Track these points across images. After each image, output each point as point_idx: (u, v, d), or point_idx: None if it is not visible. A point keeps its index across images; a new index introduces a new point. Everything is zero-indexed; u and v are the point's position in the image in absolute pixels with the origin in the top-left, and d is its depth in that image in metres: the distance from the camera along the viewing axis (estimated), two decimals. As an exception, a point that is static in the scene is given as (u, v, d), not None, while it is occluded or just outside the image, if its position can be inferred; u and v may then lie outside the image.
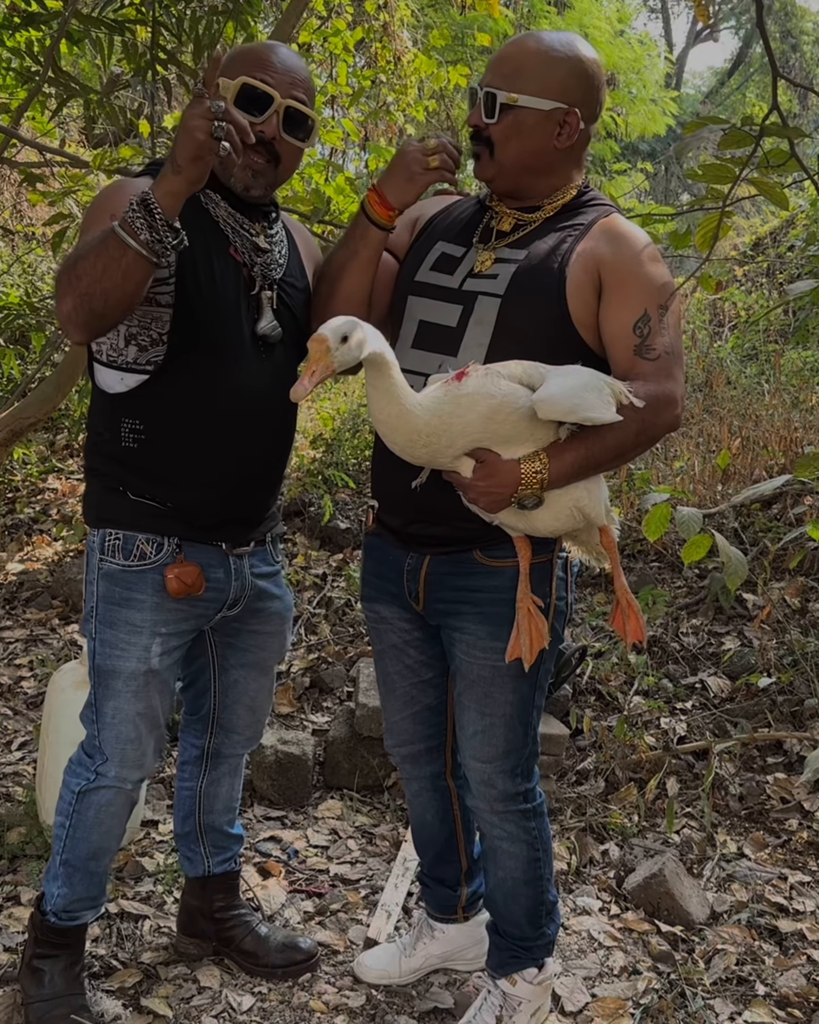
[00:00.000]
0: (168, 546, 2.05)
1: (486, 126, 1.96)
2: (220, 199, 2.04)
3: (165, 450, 2.03)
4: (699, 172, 1.75)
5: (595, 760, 3.36)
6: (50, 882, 2.19)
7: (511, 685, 2.05)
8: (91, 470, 2.13)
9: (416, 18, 7.58)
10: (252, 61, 1.99)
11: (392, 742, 2.35)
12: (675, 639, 3.97)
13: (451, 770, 2.34)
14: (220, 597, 2.13)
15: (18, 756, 3.44)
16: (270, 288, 2.08)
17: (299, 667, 4.01)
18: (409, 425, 1.77)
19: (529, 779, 2.15)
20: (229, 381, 2.02)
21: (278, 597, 2.29)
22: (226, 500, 2.09)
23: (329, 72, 6.44)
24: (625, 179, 11.08)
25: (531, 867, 2.19)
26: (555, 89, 1.94)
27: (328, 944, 2.56)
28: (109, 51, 4.14)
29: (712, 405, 6.15)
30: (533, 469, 1.81)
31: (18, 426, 5.08)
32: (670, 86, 15.93)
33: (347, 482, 5.43)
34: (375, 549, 2.20)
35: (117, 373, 2.01)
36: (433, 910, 2.47)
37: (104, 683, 2.08)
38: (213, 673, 2.33)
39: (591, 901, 2.78)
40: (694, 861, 2.96)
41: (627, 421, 1.82)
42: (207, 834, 2.44)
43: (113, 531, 2.05)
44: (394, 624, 2.20)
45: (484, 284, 1.97)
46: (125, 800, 2.17)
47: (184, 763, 2.44)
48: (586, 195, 2.05)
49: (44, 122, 5.19)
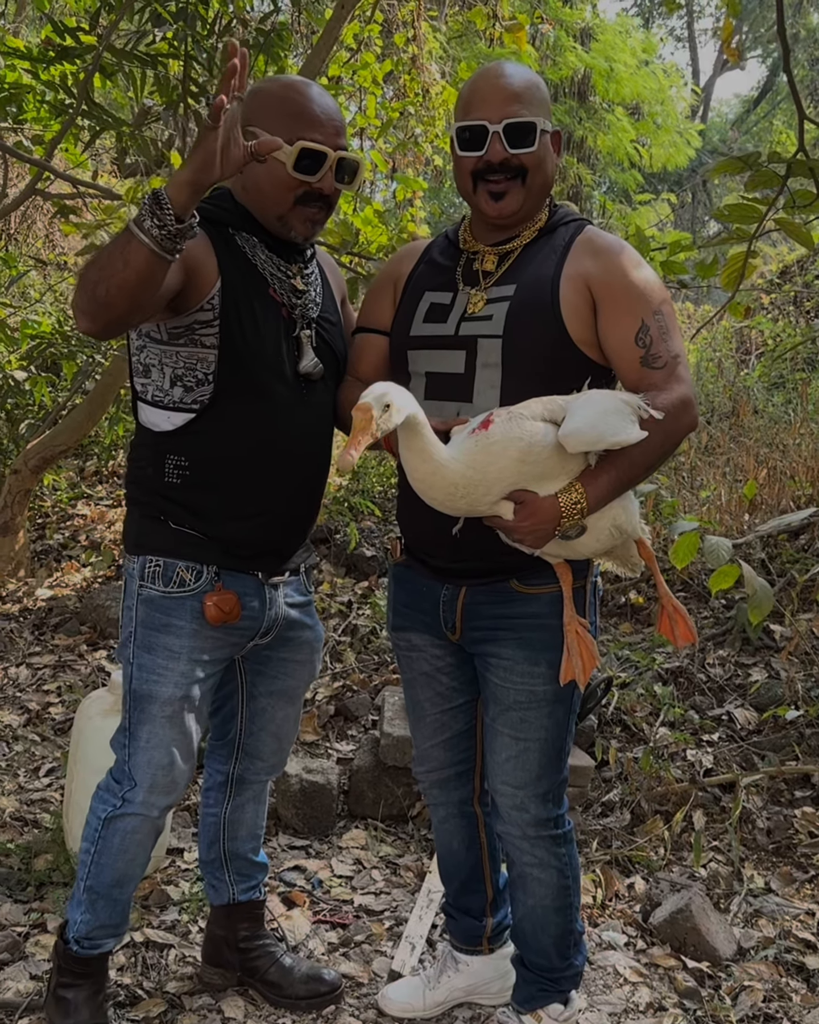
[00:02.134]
0: (207, 574, 2.07)
1: (514, 156, 1.98)
2: (257, 242, 2.07)
3: (209, 486, 2.07)
4: (725, 212, 1.76)
5: (621, 792, 3.35)
6: (73, 908, 2.21)
7: (547, 710, 2.07)
8: (132, 499, 2.17)
9: (444, 51, 7.65)
10: (299, 118, 2.00)
11: (422, 768, 2.36)
12: (702, 670, 3.95)
13: (478, 797, 2.35)
14: (254, 626, 2.16)
15: (46, 783, 3.46)
16: (309, 327, 2.12)
17: (324, 695, 4.02)
18: (445, 480, 1.80)
19: (559, 805, 2.16)
20: (273, 419, 2.06)
21: (310, 627, 2.31)
22: (266, 533, 2.13)
23: (358, 104, 6.51)
24: (649, 210, 11.11)
25: (561, 895, 2.19)
26: (549, 111, 2.06)
27: (352, 976, 2.56)
28: (142, 84, 4.21)
29: (739, 434, 6.14)
30: (571, 501, 1.83)
31: (49, 453, 5.14)
32: (697, 115, 16.00)
33: (373, 510, 5.45)
34: (405, 580, 2.21)
35: (164, 412, 2.06)
36: (458, 941, 2.46)
37: (140, 707, 2.10)
38: (241, 700, 2.34)
39: (616, 936, 2.76)
40: (721, 896, 2.94)
41: (651, 434, 1.84)
42: (231, 861, 2.44)
43: (153, 558, 2.08)
44: (426, 652, 2.21)
45: (480, 326, 2.00)
46: (151, 828, 2.18)
47: (209, 789, 2.46)
48: (557, 213, 2.11)
49: (77, 154, 5.28)
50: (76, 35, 4.08)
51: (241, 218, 2.08)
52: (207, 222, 2.01)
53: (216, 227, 2.04)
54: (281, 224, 2.06)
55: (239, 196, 2.09)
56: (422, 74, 6.44)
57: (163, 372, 2.04)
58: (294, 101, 2.02)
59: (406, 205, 6.22)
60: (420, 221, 5.83)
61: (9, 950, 2.54)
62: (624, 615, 4.48)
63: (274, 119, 1.99)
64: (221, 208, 2.08)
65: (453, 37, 8.81)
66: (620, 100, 11.95)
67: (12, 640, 4.62)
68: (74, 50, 4.08)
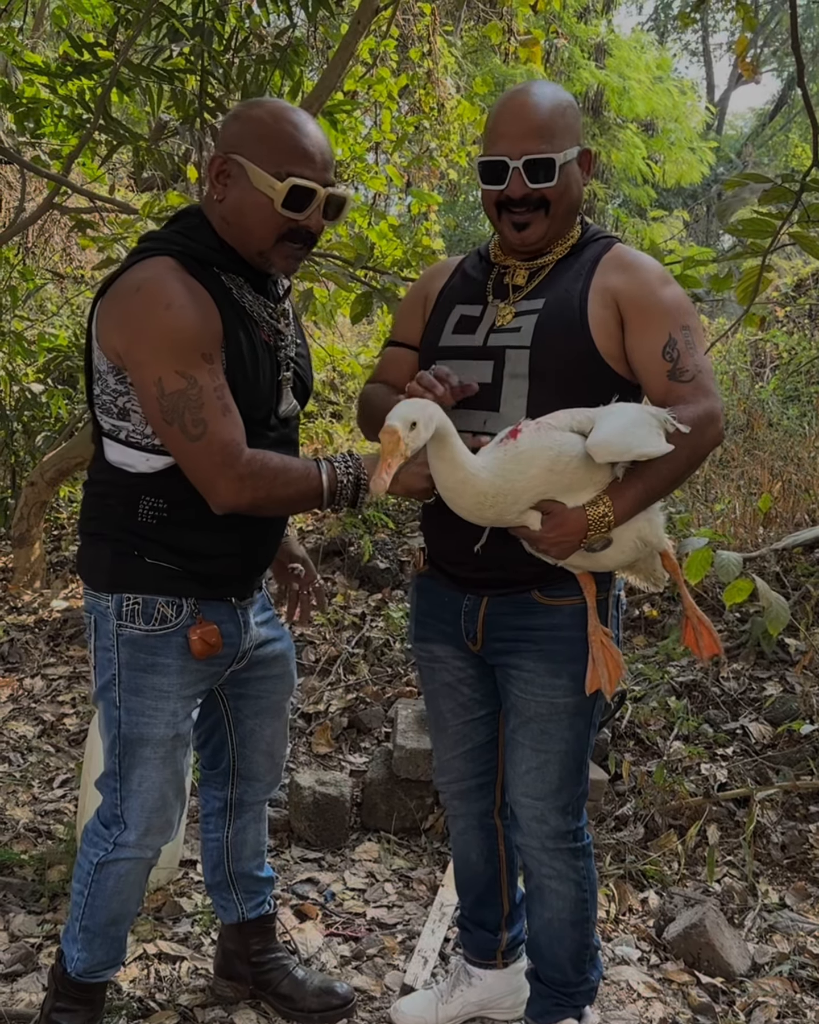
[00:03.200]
0: (187, 607, 2.03)
1: (535, 191, 1.98)
2: (243, 282, 2.00)
3: (186, 527, 2.01)
4: (739, 227, 1.76)
5: (634, 806, 3.33)
6: (69, 944, 2.18)
7: (568, 722, 2.07)
8: (98, 535, 2.06)
9: (459, 65, 7.69)
10: (291, 152, 1.90)
11: (443, 780, 2.36)
12: (716, 684, 3.94)
13: (499, 809, 2.34)
14: (232, 652, 2.12)
15: (59, 793, 3.46)
16: (288, 368, 2.07)
17: (337, 707, 4.02)
18: (475, 489, 1.80)
19: (579, 818, 2.17)
20: None
21: (278, 639, 2.29)
22: (242, 565, 2.10)
23: (374, 119, 6.55)
24: (663, 226, 11.13)
25: (578, 908, 2.19)
26: (576, 134, 2.03)
27: (364, 989, 2.55)
28: (158, 99, 4.24)
29: (753, 447, 6.13)
30: (599, 513, 1.84)
31: (65, 465, 5.17)
32: (711, 129, 16.03)
33: (386, 522, 5.46)
34: (427, 590, 2.22)
35: (141, 454, 1.98)
36: (471, 955, 2.45)
37: (131, 752, 2.04)
38: (229, 726, 2.31)
39: (630, 950, 2.75)
40: (735, 911, 2.93)
41: (678, 448, 1.84)
42: (237, 881, 2.43)
43: (131, 595, 2.01)
44: (448, 663, 2.22)
45: (508, 337, 2.01)
46: (145, 868, 2.15)
47: (208, 816, 2.43)
48: (588, 231, 2.12)
49: (94, 168, 5.32)
50: (94, 50, 4.11)
51: (227, 259, 1.98)
52: (197, 264, 1.92)
53: (205, 270, 1.94)
54: (261, 259, 1.98)
55: (219, 227, 1.98)
56: (437, 88, 6.48)
57: (144, 418, 1.94)
58: (286, 134, 1.91)
59: (421, 219, 6.25)
60: (435, 235, 5.86)
61: (22, 961, 2.55)
62: (638, 628, 4.47)
63: (263, 150, 1.90)
64: (207, 247, 1.96)
65: (468, 52, 8.86)
66: (634, 116, 12.00)
67: (27, 651, 4.63)
68: (92, 65, 4.11)
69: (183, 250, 1.93)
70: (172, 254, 1.91)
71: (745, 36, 3.22)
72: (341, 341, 8.38)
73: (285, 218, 1.92)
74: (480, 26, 8.00)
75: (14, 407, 5.90)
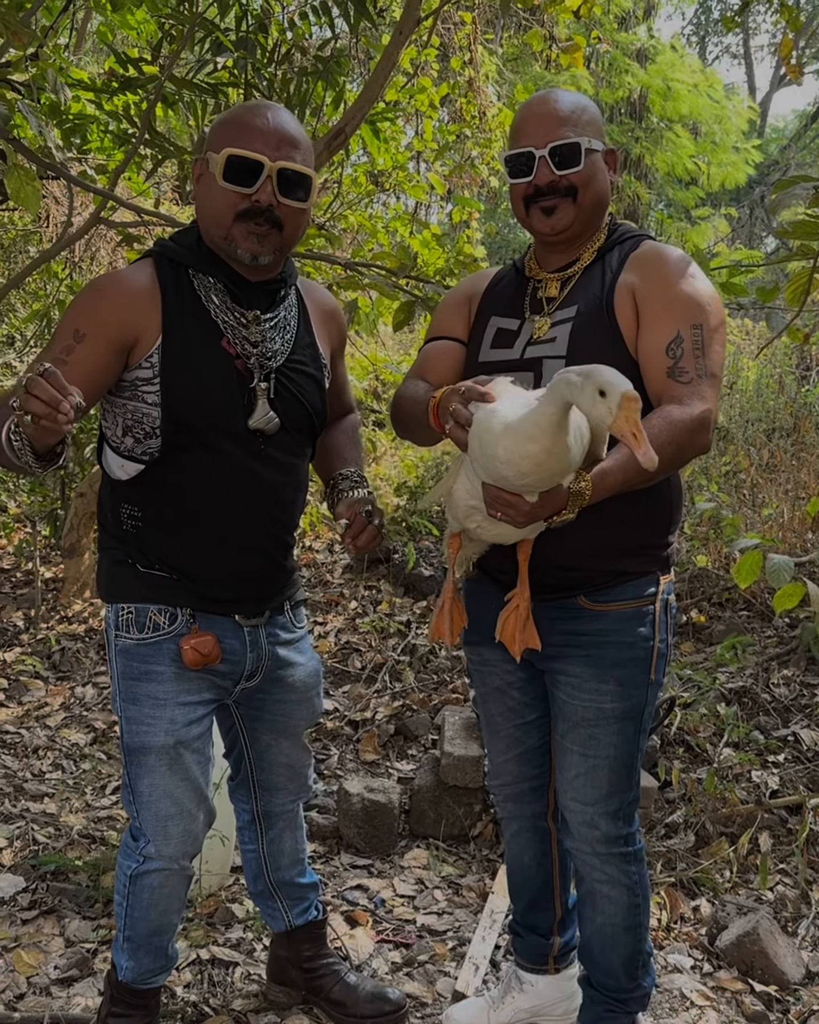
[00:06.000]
0: (182, 617, 2.03)
1: (563, 177, 2.01)
2: (214, 284, 2.00)
3: (161, 537, 2.02)
4: (789, 230, 1.75)
5: (685, 813, 3.31)
6: (118, 953, 2.20)
7: (615, 727, 2.07)
8: (100, 544, 2.12)
9: (500, 73, 7.71)
10: (234, 129, 1.92)
11: (496, 782, 2.37)
12: (766, 690, 3.90)
13: (553, 812, 2.34)
14: (237, 669, 2.11)
15: (112, 800, 3.50)
16: (267, 379, 2.02)
17: (384, 714, 4.03)
18: (563, 459, 1.68)
19: (630, 823, 2.16)
20: (222, 474, 2.00)
21: (301, 664, 2.24)
22: (230, 579, 2.07)
23: (415, 128, 6.57)
24: (708, 226, 11.07)
25: (631, 913, 2.18)
26: (599, 130, 2.07)
27: (416, 996, 2.56)
28: (203, 113, 4.29)
29: (800, 450, 6.07)
30: (579, 493, 1.75)
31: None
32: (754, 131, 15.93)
33: (430, 529, 5.47)
34: (476, 594, 2.22)
35: (119, 459, 2.02)
36: (524, 960, 2.44)
37: (136, 760, 2.05)
38: (244, 742, 2.30)
39: (683, 959, 2.73)
40: (788, 919, 2.90)
41: (665, 444, 1.76)
42: (280, 889, 2.43)
43: (126, 605, 2.04)
44: (497, 667, 2.22)
45: (545, 349, 2.02)
46: (178, 879, 2.14)
47: (241, 828, 2.43)
48: (616, 232, 2.12)
49: (140, 182, 5.38)
50: (139, 66, 4.16)
51: (202, 259, 2.00)
52: (170, 263, 1.98)
53: (175, 268, 1.98)
54: (228, 245, 1.95)
55: (202, 229, 2.02)
56: (478, 97, 6.49)
57: (115, 420, 2.00)
58: (236, 115, 1.95)
59: (462, 227, 6.26)
60: (476, 242, 5.86)
61: (78, 966, 2.57)
62: (686, 634, 4.44)
63: (215, 135, 1.95)
64: (183, 247, 2.02)
65: (510, 59, 8.87)
66: (678, 118, 11.96)
67: (78, 660, 4.69)
68: (137, 80, 4.17)
69: (162, 252, 2.01)
70: (153, 255, 2.01)
71: (789, 37, 3.20)
72: (383, 350, 8.40)
73: (233, 193, 1.91)
74: (520, 34, 8.02)
75: (63, 419, 5.96)
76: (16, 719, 4.14)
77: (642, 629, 2.05)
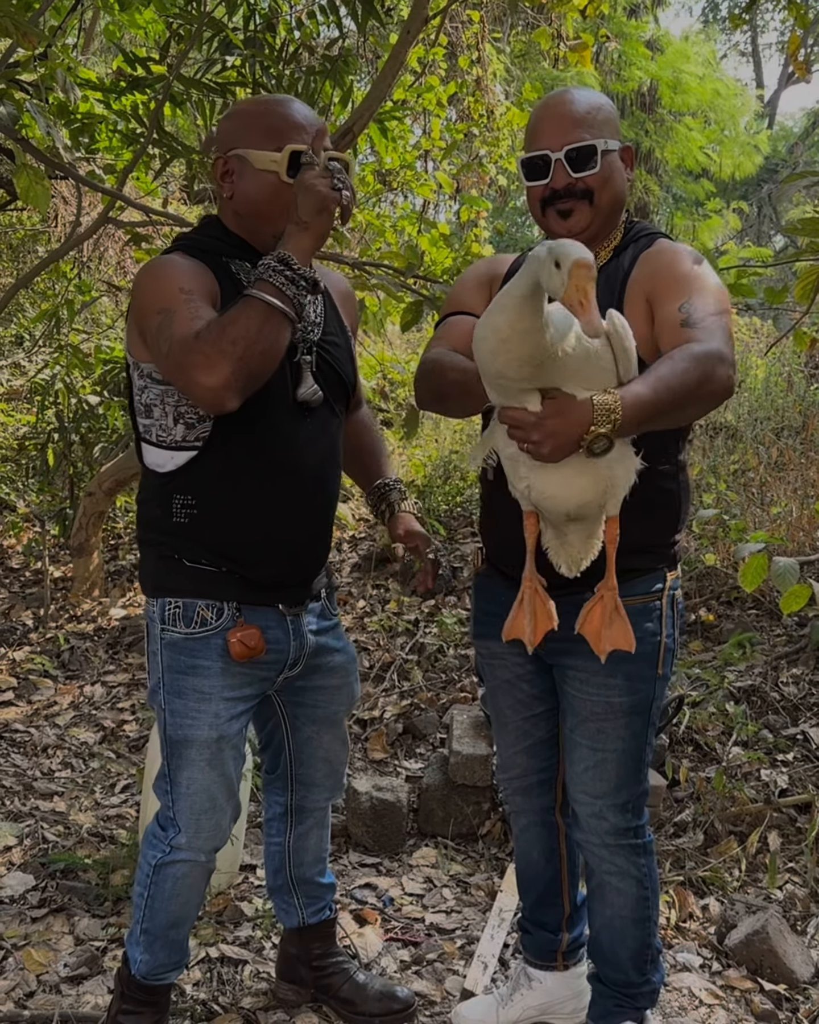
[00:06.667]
0: (228, 610, 2.05)
1: (579, 180, 2.00)
2: (251, 268, 2.01)
3: (218, 521, 2.04)
4: (798, 226, 1.75)
5: (693, 812, 3.31)
6: (132, 946, 2.21)
7: (623, 721, 2.08)
8: (144, 541, 2.14)
9: (508, 72, 7.70)
10: (282, 126, 1.97)
11: (505, 775, 2.38)
12: (775, 688, 3.90)
13: (561, 807, 2.35)
14: (281, 658, 2.13)
15: (121, 799, 3.51)
16: (309, 352, 2.07)
17: (392, 713, 4.03)
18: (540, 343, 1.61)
19: (639, 816, 2.16)
20: (275, 449, 2.03)
21: (339, 650, 2.28)
22: (281, 562, 2.09)
23: (423, 127, 6.57)
24: (719, 219, 11.05)
25: (640, 906, 2.19)
26: (615, 129, 2.06)
27: (425, 994, 2.56)
28: (211, 112, 4.29)
29: (809, 449, 6.06)
30: (606, 404, 1.63)
31: (122, 476, 5.23)
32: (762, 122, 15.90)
33: (438, 529, 5.47)
34: (486, 589, 2.23)
35: (167, 452, 2.03)
36: (532, 956, 2.44)
37: (178, 753, 2.07)
38: (286, 732, 2.33)
39: (692, 957, 2.73)
40: (798, 918, 2.89)
41: (690, 368, 1.72)
42: (299, 886, 2.44)
43: (172, 600, 2.06)
44: (507, 660, 2.23)
45: None
46: (202, 871, 2.17)
47: (270, 820, 2.45)
48: (631, 231, 2.12)
49: (148, 181, 5.39)
50: (147, 65, 4.17)
51: (235, 247, 2.04)
52: (202, 253, 2.00)
53: (211, 257, 2.01)
54: (275, 241, 1.95)
55: (232, 224, 2.06)
56: (486, 95, 6.49)
57: (165, 410, 2.01)
58: (274, 113, 1.99)
59: (470, 225, 6.26)
60: (484, 241, 5.86)
61: (87, 964, 2.58)
62: (695, 633, 4.44)
63: (258, 135, 1.97)
64: (213, 238, 2.05)
65: (517, 57, 8.86)
66: (687, 109, 11.95)
67: (87, 659, 4.70)
68: (145, 80, 4.17)
69: (189, 243, 2.04)
70: (178, 248, 2.03)
71: (797, 34, 3.19)
72: (390, 349, 8.40)
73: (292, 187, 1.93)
74: (528, 32, 8.00)
75: (72, 419, 5.99)
76: (25, 718, 4.15)
77: (649, 624, 2.06)
